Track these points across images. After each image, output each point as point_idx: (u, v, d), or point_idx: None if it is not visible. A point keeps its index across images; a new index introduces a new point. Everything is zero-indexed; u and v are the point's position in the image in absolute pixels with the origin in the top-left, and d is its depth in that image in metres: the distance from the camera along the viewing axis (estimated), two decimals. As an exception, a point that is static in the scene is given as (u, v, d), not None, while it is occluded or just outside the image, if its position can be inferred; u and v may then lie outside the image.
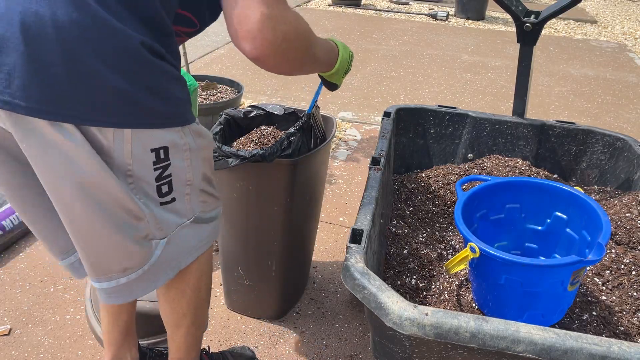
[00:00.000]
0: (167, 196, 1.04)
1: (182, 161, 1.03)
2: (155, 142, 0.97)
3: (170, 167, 1.02)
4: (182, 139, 1.01)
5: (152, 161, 0.98)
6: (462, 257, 1.27)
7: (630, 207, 1.71)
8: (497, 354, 0.99)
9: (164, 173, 1.01)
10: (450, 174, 1.99)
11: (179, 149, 1.01)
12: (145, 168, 0.98)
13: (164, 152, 0.99)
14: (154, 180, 1.00)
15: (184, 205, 1.09)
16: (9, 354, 1.64)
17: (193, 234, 1.14)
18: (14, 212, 2.07)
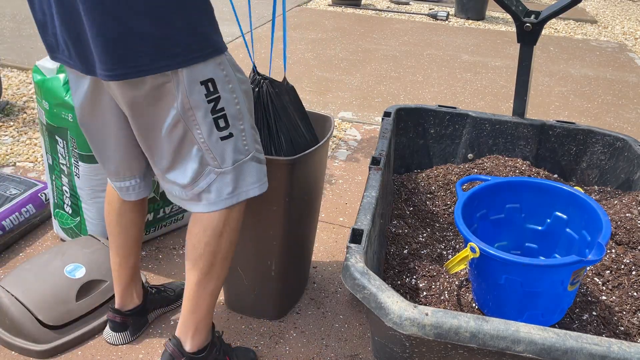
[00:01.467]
0: (225, 130, 1.21)
1: (229, 93, 1.20)
2: (201, 74, 1.14)
3: (221, 101, 1.19)
4: (222, 71, 1.18)
5: (204, 94, 1.16)
6: (462, 257, 1.27)
7: (630, 207, 1.71)
8: (497, 353, 0.99)
9: (217, 106, 1.18)
10: (450, 174, 1.99)
11: (222, 80, 1.18)
12: (200, 101, 1.16)
13: (212, 85, 1.16)
14: (210, 113, 1.18)
15: (241, 142, 1.25)
16: (9, 353, 1.64)
17: (252, 172, 1.29)
18: (14, 212, 2.07)
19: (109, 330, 1.69)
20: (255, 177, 1.31)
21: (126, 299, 1.66)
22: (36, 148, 2.81)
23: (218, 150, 1.23)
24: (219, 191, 1.27)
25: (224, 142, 1.23)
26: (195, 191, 1.27)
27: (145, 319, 1.74)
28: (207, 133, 1.20)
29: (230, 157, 1.25)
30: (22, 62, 3.99)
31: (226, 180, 1.27)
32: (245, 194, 1.30)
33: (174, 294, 1.83)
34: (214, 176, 1.26)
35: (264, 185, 1.33)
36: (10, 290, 1.64)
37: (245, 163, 1.28)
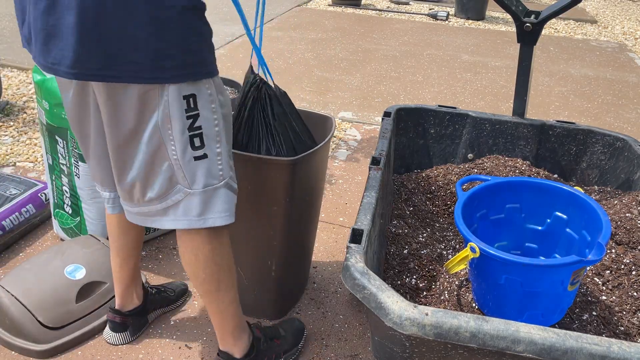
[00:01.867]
0: (199, 150, 1.18)
1: (210, 113, 1.17)
2: (185, 89, 1.13)
3: (200, 119, 1.16)
4: (208, 90, 1.16)
5: (184, 109, 1.14)
6: (462, 257, 1.27)
7: (630, 207, 1.71)
8: (497, 353, 0.99)
9: (194, 124, 1.16)
10: (450, 174, 1.99)
11: (205, 98, 1.16)
12: (179, 116, 1.14)
13: (193, 101, 1.14)
14: (187, 129, 1.15)
15: (216, 165, 1.22)
16: (9, 353, 1.64)
17: (222, 200, 1.25)
18: (14, 212, 2.07)
19: (109, 330, 1.69)
20: (226, 205, 1.26)
21: (126, 299, 1.66)
22: (36, 148, 2.81)
23: (189, 170, 1.19)
24: (186, 211, 1.24)
25: (197, 162, 1.19)
26: (162, 206, 1.25)
27: (145, 319, 1.75)
28: (180, 150, 1.17)
29: (201, 180, 1.21)
30: (22, 62, 4.00)
31: (193, 203, 1.23)
32: (212, 221, 1.26)
33: (174, 294, 1.83)
34: (182, 195, 1.23)
35: (231, 216, 1.28)
36: (10, 290, 1.64)
37: (217, 189, 1.24)
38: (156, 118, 1.14)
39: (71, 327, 1.67)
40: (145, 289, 1.74)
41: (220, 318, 1.43)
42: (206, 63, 1.15)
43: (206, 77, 1.15)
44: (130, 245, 1.58)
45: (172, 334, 1.75)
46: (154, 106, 1.13)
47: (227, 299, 1.40)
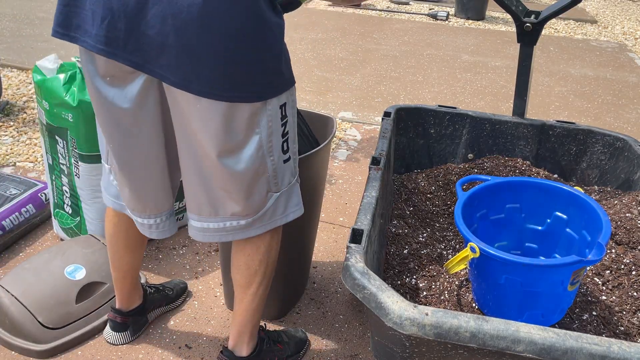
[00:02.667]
0: (287, 154, 1.25)
1: (293, 117, 1.24)
2: (280, 100, 1.18)
3: (288, 124, 1.23)
4: (291, 95, 1.22)
5: (279, 117, 1.19)
6: (462, 257, 1.27)
7: (630, 207, 1.71)
8: (497, 353, 0.99)
9: (285, 129, 1.22)
10: (450, 174, 1.99)
11: (291, 104, 1.22)
12: (278, 125, 1.19)
13: (284, 109, 1.20)
14: (281, 136, 1.21)
15: (294, 164, 1.30)
16: (9, 353, 1.64)
17: (296, 192, 1.33)
18: (14, 212, 2.07)
19: (109, 330, 1.69)
20: (298, 198, 1.35)
21: (127, 300, 1.67)
22: (36, 148, 2.81)
23: (281, 173, 1.26)
24: (273, 213, 1.31)
25: (285, 164, 1.26)
26: (251, 220, 1.29)
27: (145, 318, 1.75)
28: (277, 157, 1.23)
29: (287, 179, 1.29)
30: (22, 62, 4.00)
31: (280, 203, 1.31)
32: (292, 215, 1.35)
33: (172, 292, 1.84)
34: (272, 201, 1.29)
35: (301, 206, 1.37)
36: (10, 290, 1.64)
37: (293, 185, 1.33)
38: (260, 133, 1.17)
39: (71, 327, 1.67)
40: (145, 289, 1.74)
41: (249, 315, 1.44)
42: (291, 71, 1.21)
43: (292, 85, 1.22)
44: (135, 260, 1.58)
45: (172, 334, 1.75)
46: (258, 123, 1.16)
47: (263, 297, 1.44)
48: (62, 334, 1.65)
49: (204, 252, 2.12)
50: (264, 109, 1.16)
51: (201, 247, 2.14)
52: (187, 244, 2.16)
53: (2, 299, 1.63)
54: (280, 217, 1.33)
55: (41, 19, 5.23)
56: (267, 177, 1.24)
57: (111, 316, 1.67)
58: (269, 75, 1.14)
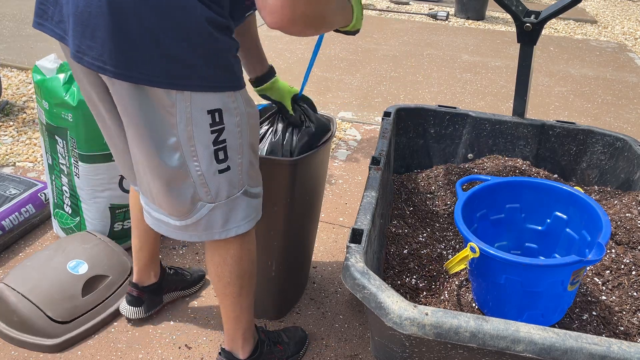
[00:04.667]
0: (223, 164, 1.18)
1: (234, 127, 1.17)
2: (210, 104, 1.11)
3: (225, 132, 1.15)
4: (233, 103, 1.15)
5: (209, 123, 1.12)
6: (462, 257, 1.27)
7: (630, 207, 1.71)
8: (497, 353, 0.99)
9: (219, 137, 1.15)
10: (450, 174, 1.99)
11: (230, 113, 1.15)
12: (203, 131, 1.13)
13: (219, 115, 1.13)
14: (212, 143, 1.14)
15: (237, 176, 1.22)
16: (9, 353, 1.64)
17: (242, 207, 1.26)
18: (13, 212, 2.07)
19: (125, 303, 1.75)
20: (246, 212, 1.28)
21: (144, 275, 1.73)
22: (36, 148, 2.81)
23: (214, 184, 1.19)
24: (209, 225, 1.25)
25: (220, 175, 1.19)
26: (182, 224, 1.25)
27: (160, 298, 1.80)
28: (205, 165, 1.16)
29: (224, 191, 1.21)
30: (22, 62, 3.99)
31: (217, 215, 1.24)
32: (235, 230, 1.27)
33: (190, 277, 1.89)
34: (205, 211, 1.23)
35: (252, 221, 1.31)
36: (16, 288, 1.65)
37: (237, 198, 1.24)
38: (177, 135, 1.12)
39: (79, 320, 1.70)
40: (163, 268, 1.79)
41: (236, 322, 1.44)
42: (229, 76, 1.13)
43: (228, 90, 1.13)
44: (150, 230, 1.62)
45: (172, 334, 1.75)
46: (175, 121, 1.11)
47: (245, 303, 1.43)
48: (71, 328, 1.68)
49: (203, 252, 2.12)
50: (178, 108, 1.09)
51: (201, 247, 2.14)
52: (187, 244, 2.16)
53: (9, 297, 1.64)
54: (219, 231, 1.26)
55: (41, 19, 5.22)
56: (192, 182, 1.18)
57: (129, 289, 1.74)
58: (176, 65, 1.05)
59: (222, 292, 1.40)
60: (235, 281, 1.37)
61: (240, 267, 1.35)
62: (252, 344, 1.50)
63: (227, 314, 1.44)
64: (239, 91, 1.16)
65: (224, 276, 1.36)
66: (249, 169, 1.25)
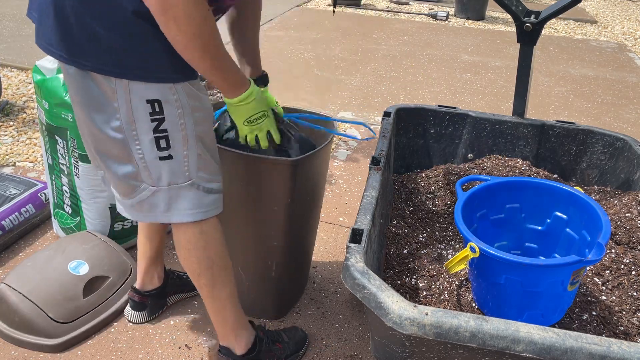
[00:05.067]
0: (165, 151, 1.22)
1: (176, 118, 1.20)
2: (149, 94, 1.16)
3: (165, 122, 1.19)
4: (173, 95, 1.18)
5: (149, 112, 1.17)
6: (462, 257, 1.27)
7: (630, 207, 1.71)
8: (497, 353, 0.99)
9: (160, 126, 1.19)
10: (450, 174, 1.99)
11: (171, 104, 1.18)
12: (143, 118, 1.18)
13: (158, 106, 1.17)
14: (152, 131, 1.19)
15: (181, 167, 1.25)
16: (9, 353, 1.64)
17: (189, 198, 1.29)
18: (14, 212, 2.07)
19: (129, 308, 1.76)
20: (190, 204, 1.30)
21: (146, 279, 1.74)
22: (36, 148, 2.81)
23: (155, 169, 1.24)
24: (152, 207, 1.30)
25: (162, 162, 1.23)
26: (129, 202, 1.31)
27: (164, 301, 1.80)
28: (147, 150, 1.21)
29: (166, 178, 1.25)
30: (22, 62, 3.99)
31: (159, 199, 1.28)
32: (177, 217, 1.30)
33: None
34: (147, 193, 1.27)
35: (199, 214, 1.32)
36: (17, 289, 1.65)
37: (181, 188, 1.27)
38: (120, 119, 1.18)
39: (80, 320, 1.71)
40: (167, 272, 1.80)
41: (219, 315, 1.47)
42: (165, 69, 1.15)
43: (162, 82, 1.16)
44: (153, 227, 1.65)
45: (172, 334, 1.75)
46: (117, 105, 1.17)
47: (223, 295, 1.44)
48: (72, 328, 1.68)
49: (204, 252, 2.12)
50: (119, 94, 1.15)
51: (201, 247, 2.14)
52: (187, 243, 2.16)
53: (10, 298, 1.65)
54: (162, 214, 1.30)
55: (41, 19, 5.22)
56: (135, 165, 1.23)
57: (130, 294, 1.75)
58: (112, 54, 1.11)
59: (197, 285, 1.43)
60: (205, 272, 1.39)
61: (206, 257, 1.38)
62: (246, 339, 1.51)
63: (209, 307, 1.47)
64: (179, 84, 1.18)
65: (192, 267, 1.39)
66: (197, 162, 1.27)
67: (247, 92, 1.28)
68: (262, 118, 1.35)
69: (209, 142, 1.31)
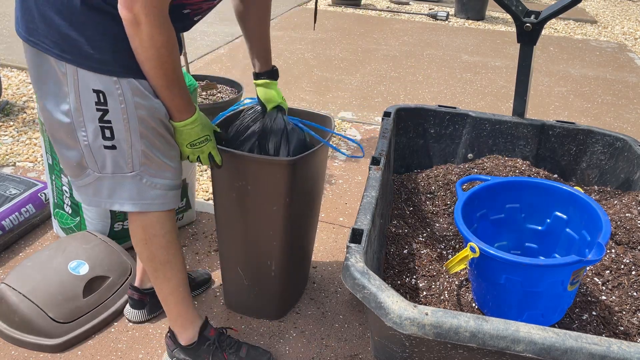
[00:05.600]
0: (109, 141, 1.26)
1: (119, 112, 1.24)
2: (94, 83, 1.20)
3: (109, 114, 1.24)
4: (117, 89, 1.22)
5: (94, 101, 1.22)
6: (462, 257, 1.27)
7: (630, 207, 1.71)
8: (497, 353, 0.99)
9: (104, 117, 1.24)
10: (450, 174, 1.99)
11: (114, 98, 1.22)
12: (89, 106, 1.22)
13: (103, 97, 1.22)
14: (97, 120, 1.24)
15: (124, 158, 1.29)
16: (9, 353, 1.64)
17: (130, 188, 1.33)
18: (14, 212, 2.07)
19: (128, 307, 1.77)
20: (131, 194, 1.34)
21: (145, 277, 1.74)
22: (36, 148, 2.81)
23: (99, 156, 1.29)
24: (96, 191, 1.35)
25: (106, 150, 1.28)
26: (77, 184, 1.37)
27: None
28: (92, 137, 1.26)
29: (110, 166, 1.30)
30: (22, 62, 3.99)
31: (103, 185, 1.33)
32: (118, 205, 1.35)
33: (194, 282, 1.88)
34: (92, 179, 1.33)
35: (138, 205, 1.36)
36: (18, 289, 1.65)
37: (125, 178, 1.32)
38: (69, 102, 1.23)
39: (81, 320, 1.70)
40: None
41: (164, 304, 1.53)
42: (109, 62, 1.20)
43: (106, 74, 1.20)
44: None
45: (172, 334, 1.75)
46: (67, 89, 1.21)
47: (165, 288, 1.49)
48: (72, 328, 1.68)
49: (203, 252, 2.12)
50: (69, 79, 1.20)
51: (201, 247, 2.14)
52: (186, 244, 2.16)
53: (10, 298, 1.64)
54: (105, 200, 1.35)
55: (41, 19, 5.22)
56: (80, 149, 1.28)
57: (129, 293, 1.75)
58: (64, 40, 1.17)
59: (147, 272, 1.50)
60: (147, 263, 1.45)
61: (148, 250, 1.43)
62: (190, 333, 1.54)
63: (158, 295, 1.52)
64: (124, 79, 1.21)
65: (140, 256, 1.46)
66: (141, 158, 1.31)
67: (192, 118, 1.33)
68: (204, 142, 1.39)
69: (156, 140, 1.31)
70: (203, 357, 1.55)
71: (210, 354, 1.55)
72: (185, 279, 1.52)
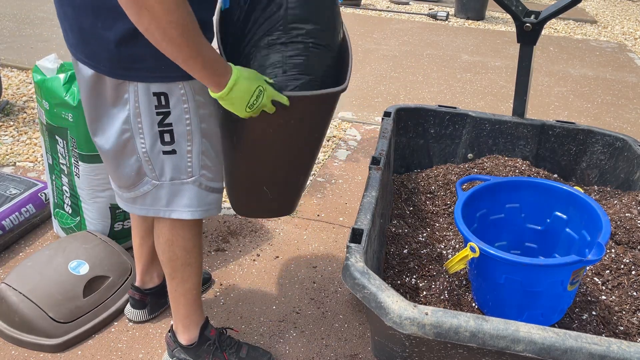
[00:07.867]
0: (169, 146, 1.23)
1: (181, 112, 1.20)
2: (156, 86, 1.16)
3: (171, 116, 1.20)
4: (181, 90, 1.18)
5: (154, 105, 1.18)
6: (462, 256, 1.28)
7: (630, 207, 1.71)
8: (497, 353, 0.99)
9: (165, 120, 1.20)
10: (450, 173, 2.00)
11: (178, 98, 1.19)
12: (148, 111, 1.18)
13: (165, 99, 1.18)
14: (157, 125, 1.20)
15: (184, 162, 1.26)
16: (9, 353, 1.64)
17: (189, 195, 1.30)
18: (14, 211, 2.07)
19: (129, 306, 1.76)
20: (191, 201, 1.31)
21: (146, 277, 1.74)
22: (36, 148, 2.81)
23: (158, 163, 1.25)
24: (154, 201, 1.31)
25: (165, 156, 1.24)
26: (131, 195, 1.33)
27: (165, 300, 1.80)
28: (150, 143, 1.22)
29: (169, 173, 1.27)
30: (22, 62, 3.99)
31: (162, 194, 1.30)
32: (177, 213, 1.32)
33: None
34: (150, 187, 1.29)
35: (197, 212, 1.32)
36: (18, 288, 1.65)
37: (184, 184, 1.29)
38: (128, 110, 1.19)
39: (81, 320, 1.71)
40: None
41: (174, 304, 1.51)
42: (175, 69, 1.12)
43: (177, 80, 1.17)
44: (148, 223, 1.64)
45: (172, 334, 1.75)
46: (126, 100, 1.18)
47: (180, 290, 1.47)
48: (73, 328, 1.68)
49: (203, 252, 2.12)
50: (128, 86, 1.16)
51: (201, 247, 2.14)
52: (187, 243, 2.16)
53: (10, 297, 1.65)
54: (163, 209, 1.32)
55: (41, 19, 5.23)
56: (137, 158, 1.25)
57: (130, 293, 1.75)
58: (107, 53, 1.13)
59: (164, 271, 1.48)
60: (167, 264, 1.43)
61: (171, 251, 1.40)
62: (193, 334, 1.53)
63: (169, 294, 1.50)
64: (187, 81, 1.19)
65: (160, 255, 1.44)
66: (200, 159, 1.28)
67: (232, 78, 1.12)
68: (260, 95, 1.16)
69: (214, 140, 1.30)
70: (203, 357, 1.55)
71: (211, 354, 1.55)
72: (200, 282, 1.50)
